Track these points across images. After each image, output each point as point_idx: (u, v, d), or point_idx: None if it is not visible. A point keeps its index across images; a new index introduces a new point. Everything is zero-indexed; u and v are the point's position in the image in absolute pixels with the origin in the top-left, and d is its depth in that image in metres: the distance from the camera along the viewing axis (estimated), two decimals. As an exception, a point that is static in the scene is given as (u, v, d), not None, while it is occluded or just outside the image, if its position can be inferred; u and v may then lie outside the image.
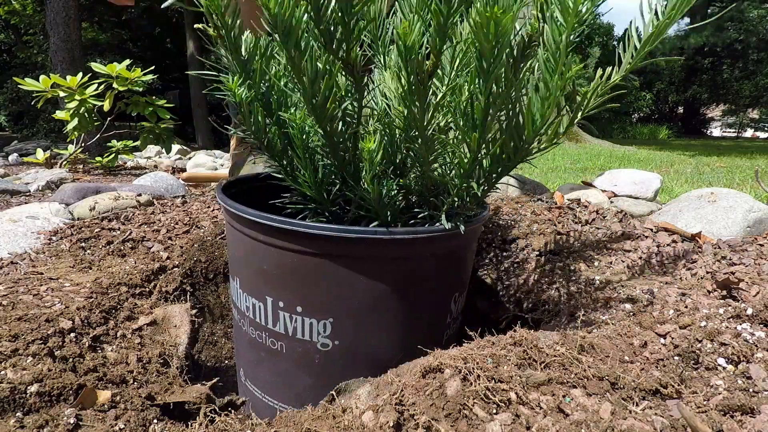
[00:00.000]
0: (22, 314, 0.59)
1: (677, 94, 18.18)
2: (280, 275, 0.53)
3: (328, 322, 0.53)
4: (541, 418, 0.41)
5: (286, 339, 0.55)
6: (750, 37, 15.15)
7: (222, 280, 0.90)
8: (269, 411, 0.59)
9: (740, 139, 13.46)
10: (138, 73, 2.00)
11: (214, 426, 0.48)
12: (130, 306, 0.70)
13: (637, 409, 0.42)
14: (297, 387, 0.57)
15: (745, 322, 0.55)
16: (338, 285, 0.52)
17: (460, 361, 0.46)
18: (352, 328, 0.53)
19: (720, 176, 2.81)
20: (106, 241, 0.94)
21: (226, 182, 0.66)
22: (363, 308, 0.53)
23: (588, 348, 0.51)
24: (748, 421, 0.41)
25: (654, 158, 4.68)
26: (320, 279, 0.52)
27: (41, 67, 7.59)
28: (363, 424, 0.42)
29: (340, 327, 0.53)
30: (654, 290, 0.67)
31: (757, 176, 1.36)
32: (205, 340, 0.84)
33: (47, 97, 1.96)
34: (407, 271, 0.53)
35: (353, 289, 0.52)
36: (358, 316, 0.53)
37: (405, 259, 0.53)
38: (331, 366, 0.54)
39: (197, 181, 1.89)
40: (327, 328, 0.53)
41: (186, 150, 3.28)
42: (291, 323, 0.54)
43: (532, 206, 1.12)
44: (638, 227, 0.96)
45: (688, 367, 0.49)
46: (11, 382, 0.47)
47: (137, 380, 0.57)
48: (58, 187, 1.52)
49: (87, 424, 0.46)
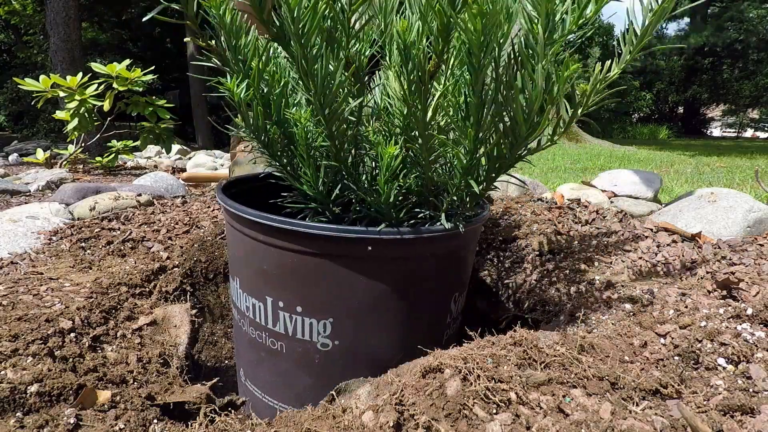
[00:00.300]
0: (22, 314, 0.59)
1: (677, 94, 18.18)
2: (280, 275, 0.53)
3: (328, 322, 0.53)
4: (541, 418, 0.41)
5: (286, 339, 0.55)
6: (750, 37, 15.15)
7: (222, 280, 0.90)
8: (269, 411, 0.59)
9: (740, 139, 13.45)
10: (138, 73, 2.00)
11: (214, 426, 0.48)
12: (130, 306, 0.70)
13: (637, 409, 0.42)
14: (297, 387, 0.57)
15: (745, 322, 0.55)
16: (338, 285, 0.52)
17: (460, 361, 0.46)
18: (351, 328, 0.53)
19: (720, 176, 2.81)
20: (106, 241, 0.94)
21: (226, 182, 0.66)
22: (363, 308, 0.53)
23: (588, 348, 0.51)
24: (748, 421, 0.41)
25: (654, 158, 4.68)
26: (320, 279, 0.52)
27: (41, 67, 7.59)
28: (363, 424, 0.42)
29: (340, 327, 0.53)
30: (654, 290, 0.67)
31: (757, 176, 1.36)
32: (205, 340, 0.84)
33: (47, 97, 1.96)
34: (407, 271, 0.53)
35: (353, 289, 0.52)
36: (357, 316, 0.53)
37: (405, 259, 0.53)
38: (331, 366, 0.54)
39: (197, 181, 1.89)
40: (327, 328, 0.53)
41: (186, 150, 3.28)
42: (291, 323, 0.54)
43: (532, 206, 1.12)
44: (638, 227, 0.96)
45: (688, 367, 0.49)
46: (11, 382, 0.47)
47: (137, 380, 0.57)
48: (58, 187, 1.52)
49: (87, 424, 0.46)
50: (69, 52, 4.41)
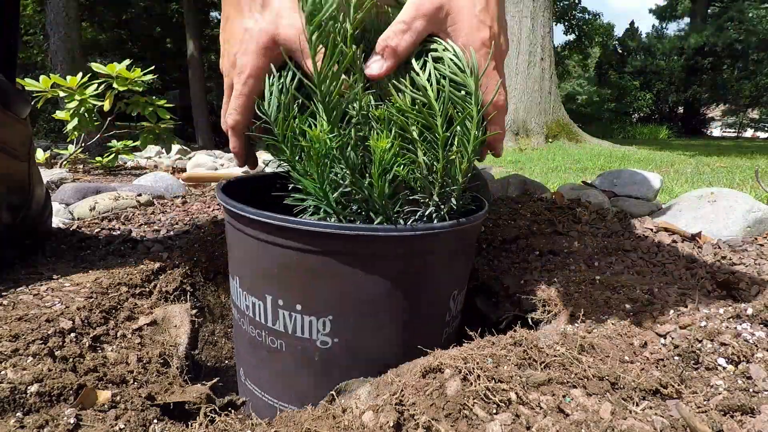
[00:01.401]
0: (22, 314, 0.59)
1: (677, 94, 18.20)
2: (280, 273, 0.53)
3: (327, 319, 0.53)
4: (541, 418, 0.41)
5: (286, 337, 0.55)
6: (750, 37, 15.17)
7: (222, 280, 0.90)
8: (269, 410, 0.59)
9: (740, 139, 13.46)
10: (138, 73, 2.00)
11: (214, 426, 0.48)
12: (130, 306, 0.70)
13: (637, 409, 0.42)
14: (297, 385, 0.57)
15: (745, 322, 0.55)
16: (337, 282, 0.52)
17: (460, 361, 0.46)
18: (350, 326, 0.53)
19: (720, 176, 2.82)
20: (106, 241, 0.94)
21: (226, 182, 0.66)
22: (361, 305, 0.53)
23: (588, 348, 0.51)
24: (748, 421, 0.41)
25: (654, 158, 4.68)
26: (319, 276, 0.52)
27: (41, 67, 7.59)
28: (363, 424, 0.42)
29: (339, 324, 0.53)
30: (654, 290, 0.67)
31: (757, 176, 1.36)
32: (205, 340, 0.84)
33: (47, 97, 1.95)
34: (407, 268, 0.53)
35: (351, 287, 0.52)
36: (356, 313, 0.53)
37: (405, 256, 0.53)
38: (330, 363, 0.54)
39: (197, 181, 1.89)
40: (326, 326, 0.53)
41: (186, 150, 3.28)
42: (290, 321, 0.54)
43: (532, 206, 1.12)
44: (638, 227, 0.96)
45: (688, 367, 0.49)
46: (11, 382, 0.47)
47: (137, 380, 0.57)
48: (58, 187, 1.52)
49: (87, 424, 0.46)
50: (69, 52, 4.42)
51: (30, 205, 0.84)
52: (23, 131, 0.80)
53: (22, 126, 0.80)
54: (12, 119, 0.77)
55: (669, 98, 18.67)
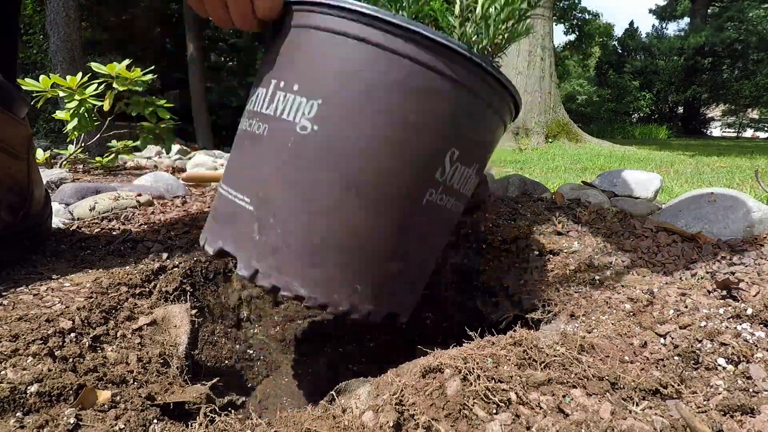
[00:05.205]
0: (22, 314, 0.59)
1: (677, 94, 18.20)
2: (291, 54, 0.53)
3: (317, 102, 0.51)
4: (541, 418, 0.41)
5: (271, 120, 0.53)
6: (750, 37, 15.17)
7: (222, 280, 0.90)
8: (223, 202, 0.59)
9: (740, 139, 13.45)
10: (138, 73, 2.00)
11: (214, 426, 0.48)
12: (130, 306, 0.70)
13: (637, 409, 0.42)
14: (258, 176, 0.55)
15: (745, 322, 0.55)
16: (342, 65, 0.50)
17: (460, 361, 0.46)
18: (336, 116, 0.51)
19: (720, 176, 2.81)
20: (106, 241, 0.94)
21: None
22: (354, 99, 0.50)
23: (588, 348, 0.51)
24: (748, 421, 0.41)
25: (654, 158, 4.68)
26: (327, 58, 0.51)
27: (41, 67, 7.58)
28: (363, 424, 0.42)
29: (325, 111, 0.51)
30: (654, 290, 0.67)
31: (757, 176, 1.36)
32: (205, 340, 0.84)
33: (47, 97, 1.95)
34: (418, 81, 0.50)
35: (354, 75, 0.50)
36: (346, 105, 0.50)
37: (421, 65, 0.50)
38: (301, 153, 0.52)
39: (197, 181, 1.89)
40: (312, 109, 0.51)
41: (186, 150, 3.28)
42: (283, 102, 0.53)
43: (532, 206, 1.12)
44: (638, 227, 0.96)
45: (688, 367, 0.49)
46: (11, 382, 0.47)
47: (137, 380, 0.57)
48: (58, 187, 1.52)
49: (87, 424, 0.46)
50: (69, 52, 4.41)
51: (30, 204, 0.84)
52: (23, 131, 0.80)
53: (22, 126, 0.80)
54: (12, 119, 0.77)
55: (669, 98, 18.67)
